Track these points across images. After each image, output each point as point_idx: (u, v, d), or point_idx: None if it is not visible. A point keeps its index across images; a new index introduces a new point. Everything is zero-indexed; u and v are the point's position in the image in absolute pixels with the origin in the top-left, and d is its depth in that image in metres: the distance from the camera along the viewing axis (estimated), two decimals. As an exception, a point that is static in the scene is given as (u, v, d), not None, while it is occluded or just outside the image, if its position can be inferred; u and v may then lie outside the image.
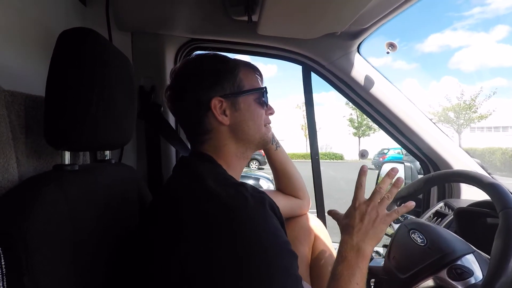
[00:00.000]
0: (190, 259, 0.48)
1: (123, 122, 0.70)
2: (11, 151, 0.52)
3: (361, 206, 0.64)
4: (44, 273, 0.41)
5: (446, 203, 1.05)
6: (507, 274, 0.51)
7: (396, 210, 0.65)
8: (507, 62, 48.55)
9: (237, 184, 0.56)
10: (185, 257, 0.48)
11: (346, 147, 26.89)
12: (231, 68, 0.67)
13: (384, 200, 0.65)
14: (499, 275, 0.52)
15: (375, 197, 0.65)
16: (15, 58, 0.67)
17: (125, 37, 1.10)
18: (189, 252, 0.48)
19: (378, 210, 0.63)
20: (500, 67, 48.73)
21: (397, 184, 0.66)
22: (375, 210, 0.63)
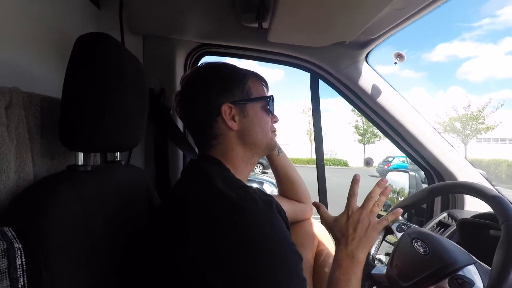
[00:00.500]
0: (200, 259, 0.49)
1: (135, 124, 0.72)
2: (27, 151, 0.54)
3: (354, 215, 0.67)
4: (59, 271, 0.43)
5: (449, 213, 1.05)
6: (507, 285, 0.52)
7: (385, 217, 0.68)
8: (515, 74, 48.12)
9: (246, 187, 0.58)
10: (196, 257, 0.50)
11: (351, 154, 26.77)
12: (241, 77, 0.70)
13: (375, 208, 0.67)
14: (499, 285, 0.52)
15: (368, 205, 0.68)
16: (32, 61, 0.69)
17: (137, 40, 1.13)
18: (200, 252, 0.50)
19: (370, 218, 0.66)
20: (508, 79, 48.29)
21: (385, 192, 0.69)
22: (367, 218, 0.66)
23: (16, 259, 0.38)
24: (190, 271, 0.50)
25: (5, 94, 0.49)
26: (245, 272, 0.48)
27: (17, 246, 0.38)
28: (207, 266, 0.49)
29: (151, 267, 0.58)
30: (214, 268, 0.49)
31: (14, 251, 0.38)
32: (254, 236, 0.50)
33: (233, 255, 0.49)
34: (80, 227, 0.50)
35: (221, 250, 0.49)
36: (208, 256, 0.50)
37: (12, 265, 0.37)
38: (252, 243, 0.49)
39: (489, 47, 53.76)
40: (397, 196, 1.58)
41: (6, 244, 0.38)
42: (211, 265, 0.49)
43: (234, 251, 0.49)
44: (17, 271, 0.38)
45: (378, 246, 0.89)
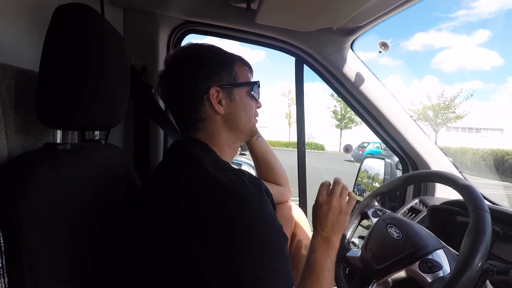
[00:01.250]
0: (192, 242, 0.50)
1: (116, 102, 0.70)
2: (1, 127, 0.51)
3: (324, 204, 0.72)
4: (38, 252, 0.41)
5: (421, 200, 1.12)
6: (472, 269, 0.57)
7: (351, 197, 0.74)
8: (484, 65, 50.35)
9: (235, 169, 0.59)
10: (187, 240, 0.50)
11: (328, 138, 27.37)
12: (228, 61, 0.69)
13: (343, 192, 0.73)
14: (465, 270, 0.57)
15: (336, 191, 0.72)
16: (5, 30, 0.64)
17: (118, 13, 1.07)
18: (192, 234, 0.50)
19: (340, 203, 0.71)
20: (478, 71, 50.49)
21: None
22: (338, 204, 0.71)
23: (-5, 241, 0.36)
24: (180, 254, 0.50)
25: (-25, 64, 0.45)
26: (234, 253, 0.50)
27: (-5, 228, 0.37)
28: (198, 248, 0.50)
29: (131, 247, 0.58)
30: (205, 250, 0.50)
31: (-7, 233, 0.36)
32: (244, 218, 0.51)
33: (223, 236, 0.50)
34: (59, 207, 0.48)
35: (211, 232, 0.50)
36: (199, 238, 0.50)
37: (-9, 247, 0.36)
38: (242, 225, 0.51)
39: (463, 38, 55.61)
40: (371, 181, 1.64)
41: (-16, 226, 0.36)
42: (202, 247, 0.50)
43: (224, 232, 0.50)
44: (-4, 253, 0.36)
45: (353, 230, 0.93)
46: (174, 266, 0.51)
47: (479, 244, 0.58)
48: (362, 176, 1.68)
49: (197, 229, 0.51)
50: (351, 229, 0.92)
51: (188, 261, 0.50)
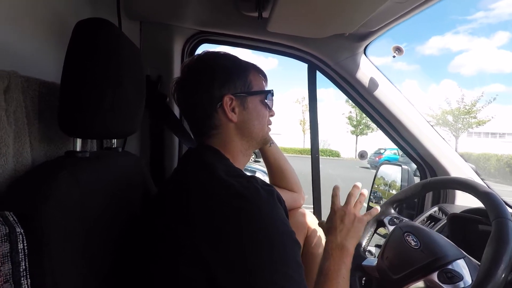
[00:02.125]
0: (204, 248, 0.50)
1: (133, 111, 0.72)
2: (25, 136, 0.53)
3: (339, 210, 0.75)
4: (58, 256, 0.43)
5: (440, 207, 1.08)
6: (495, 280, 0.54)
7: (369, 212, 0.78)
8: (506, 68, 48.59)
9: (247, 176, 0.59)
10: (200, 247, 0.51)
11: (343, 145, 27.00)
12: (243, 69, 0.71)
13: (357, 204, 0.76)
14: (488, 281, 0.54)
15: (350, 201, 0.76)
16: (30, 45, 0.67)
17: (134, 25, 1.11)
18: (204, 240, 0.51)
19: (355, 212, 0.74)
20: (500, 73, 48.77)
21: (362, 193, 0.79)
22: (352, 212, 0.74)
23: (18, 243, 0.38)
24: (192, 259, 0.51)
25: (3, 77, 0.48)
26: (245, 258, 0.50)
27: (18, 231, 0.38)
28: (210, 253, 0.50)
29: (145, 252, 0.59)
30: (216, 255, 0.50)
31: (16, 236, 0.38)
32: (256, 224, 0.51)
33: (235, 242, 0.50)
34: (78, 213, 0.50)
35: (223, 237, 0.51)
36: (211, 243, 0.50)
37: (14, 249, 0.38)
38: (254, 230, 0.51)
39: (482, 40, 54.03)
40: (388, 188, 1.60)
41: (8, 229, 0.38)
42: (213, 252, 0.50)
43: (236, 238, 0.50)
44: (19, 255, 0.38)
45: (369, 239, 0.91)
46: (186, 270, 0.51)
47: (502, 254, 0.56)
48: (378, 183, 1.65)
49: (208, 234, 0.51)
50: (367, 237, 0.90)
51: (200, 266, 0.50)
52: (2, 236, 0.37)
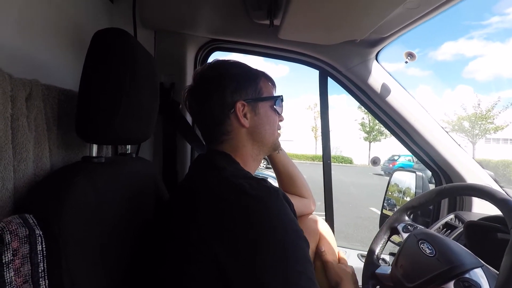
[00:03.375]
0: (215, 246, 0.51)
1: (147, 118, 0.74)
2: (45, 142, 0.55)
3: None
4: (75, 258, 0.44)
5: (456, 215, 1.05)
6: (515, 290, 0.52)
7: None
8: (523, 73, 47.19)
9: (258, 178, 0.60)
10: (211, 249, 0.51)
11: (356, 151, 26.65)
12: (254, 76, 0.73)
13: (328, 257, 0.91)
14: (507, 291, 0.52)
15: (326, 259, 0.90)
16: (50, 54, 0.70)
17: (149, 34, 1.14)
18: (212, 238, 0.51)
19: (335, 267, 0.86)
20: (516, 78, 47.37)
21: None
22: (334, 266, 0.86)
23: (37, 245, 0.39)
24: (204, 260, 0.51)
25: (25, 85, 0.50)
26: (255, 256, 0.50)
27: (38, 233, 0.40)
28: (222, 253, 0.50)
29: (157, 255, 0.60)
30: (227, 255, 0.50)
31: (36, 237, 0.39)
32: (266, 223, 0.52)
33: (245, 240, 0.50)
34: (94, 216, 0.52)
35: (234, 237, 0.51)
36: (221, 243, 0.51)
37: (34, 251, 0.39)
38: (264, 229, 0.51)
39: (497, 45, 52.75)
40: (402, 195, 1.57)
41: (28, 230, 0.39)
42: (224, 252, 0.50)
43: (246, 236, 0.51)
44: (38, 256, 0.39)
45: (383, 246, 0.90)
46: (196, 269, 0.51)
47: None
48: (392, 190, 1.62)
49: (218, 233, 0.51)
50: (380, 244, 0.88)
51: (211, 266, 0.50)
52: (22, 237, 0.38)
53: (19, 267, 0.37)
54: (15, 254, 0.37)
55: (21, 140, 0.49)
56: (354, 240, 4.64)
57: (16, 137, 0.48)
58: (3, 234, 0.37)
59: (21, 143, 0.49)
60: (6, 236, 0.37)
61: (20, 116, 0.49)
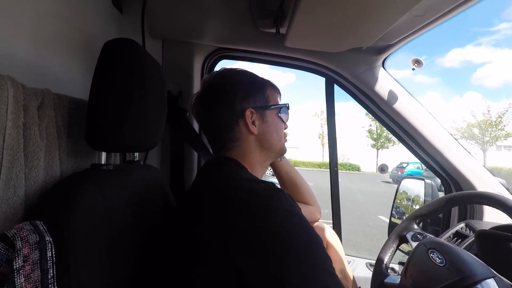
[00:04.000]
0: (233, 250, 0.50)
1: (154, 126, 0.74)
2: (55, 150, 0.57)
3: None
4: (84, 264, 0.45)
5: (467, 224, 1.03)
6: (529, 301, 0.51)
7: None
8: (533, 79, 46.46)
9: (266, 181, 0.60)
10: (228, 250, 0.50)
11: (364, 159, 26.42)
12: (261, 84, 0.75)
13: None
14: (521, 302, 0.51)
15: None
16: (61, 64, 0.72)
17: (157, 44, 1.16)
18: (230, 241, 0.50)
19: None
20: (527, 84, 46.62)
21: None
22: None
23: (47, 251, 0.40)
24: (218, 265, 0.50)
25: (37, 95, 0.52)
26: (272, 254, 0.48)
27: (48, 239, 0.41)
28: (238, 254, 0.49)
29: (165, 259, 0.60)
30: (243, 253, 0.49)
31: (46, 244, 0.40)
32: (279, 219, 0.51)
33: (261, 239, 0.49)
34: (102, 223, 0.52)
35: (249, 236, 0.50)
36: (236, 244, 0.50)
37: (44, 257, 0.39)
38: (278, 226, 0.50)
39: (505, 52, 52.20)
40: (411, 203, 1.55)
41: (39, 237, 0.40)
42: (239, 252, 0.49)
43: (262, 235, 0.49)
44: (48, 262, 0.40)
45: (391, 255, 0.88)
46: (211, 272, 0.51)
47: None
48: (400, 198, 1.60)
49: (230, 234, 0.51)
50: (389, 253, 0.87)
51: (226, 268, 0.49)
52: (33, 244, 0.39)
53: (29, 273, 0.38)
54: (26, 260, 0.38)
55: (33, 148, 0.50)
56: (363, 249, 4.57)
57: (28, 145, 0.49)
58: (14, 240, 0.38)
59: (32, 151, 0.50)
60: (18, 243, 0.38)
61: (32, 124, 0.50)
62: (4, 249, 0.37)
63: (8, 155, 0.45)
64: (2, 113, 0.43)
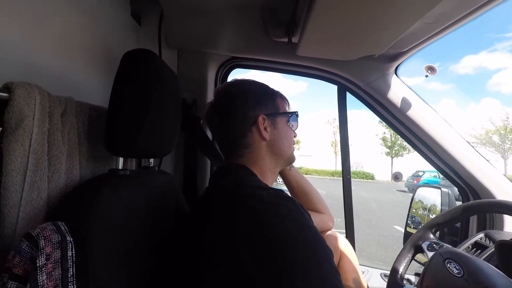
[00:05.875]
0: (242, 256, 0.50)
1: (170, 133, 0.77)
2: (76, 155, 0.59)
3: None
4: (101, 265, 0.46)
5: (487, 234, 1.00)
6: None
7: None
8: (551, 84, 44.76)
9: (275, 188, 0.61)
10: (235, 252, 0.50)
11: (378, 167, 25.95)
12: (272, 93, 0.78)
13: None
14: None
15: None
16: (83, 73, 0.76)
17: (172, 53, 1.20)
18: (240, 247, 0.51)
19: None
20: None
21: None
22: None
23: (68, 251, 0.42)
24: (227, 270, 0.51)
25: (61, 102, 0.55)
26: (278, 263, 0.48)
27: (69, 239, 0.42)
28: (245, 261, 0.49)
29: (177, 267, 0.61)
30: (250, 260, 0.49)
31: (67, 244, 0.42)
32: (286, 228, 0.51)
33: (268, 247, 0.49)
34: (119, 225, 0.54)
35: (256, 243, 0.50)
36: (242, 251, 0.50)
37: (64, 256, 0.41)
38: (284, 235, 0.50)
39: (520, 57, 50.71)
40: (428, 213, 1.51)
41: (60, 237, 0.42)
42: (246, 258, 0.49)
43: (268, 243, 0.49)
44: (68, 262, 0.42)
45: (407, 265, 0.86)
46: (220, 276, 0.51)
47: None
48: (416, 207, 1.56)
49: (237, 240, 0.51)
50: (404, 263, 0.85)
51: (235, 274, 0.50)
52: (55, 243, 0.41)
53: (51, 271, 0.40)
54: (48, 259, 0.40)
55: (56, 152, 0.52)
56: (377, 259, 4.46)
57: (51, 150, 0.52)
58: (38, 239, 0.40)
59: (55, 156, 0.52)
60: (41, 242, 0.40)
61: (56, 130, 0.53)
62: (28, 247, 0.39)
63: (33, 159, 0.47)
64: (29, 120, 0.46)
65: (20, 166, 0.46)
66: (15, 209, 0.45)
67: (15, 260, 0.39)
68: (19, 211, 0.45)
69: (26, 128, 0.46)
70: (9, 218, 0.44)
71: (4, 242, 0.44)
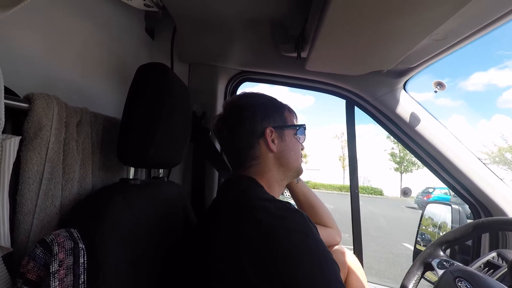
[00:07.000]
0: (247, 268, 0.50)
1: (180, 144, 0.78)
2: (89, 164, 0.61)
3: None
4: (111, 270, 0.47)
5: (499, 253, 0.97)
6: None
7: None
8: None
9: (281, 200, 0.61)
10: (241, 264, 0.50)
11: (386, 182, 25.55)
12: (280, 106, 0.79)
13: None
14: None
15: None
16: (98, 85, 0.79)
17: (184, 67, 1.23)
18: (246, 258, 0.50)
19: None
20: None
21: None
22: None
23: (80, 258, 0.43)
24: (233, 281, 0.50)
25: (77, 113, 0.57)
26: (283, 275, 0.48)
27: (81, 246, 0.43)
28: (251, 273, 0.49)
29: (184, 276, 0.61)
30: (256, 273, 0.49)
31: (79, 250, 0.43)
32: (292, 241, 0.51)
33: (273, 260, 0.49)
34: (129, 234, 0.55)
35: (262, 256, 0.50)
36: (249, 263, 0.50)
37: (77, 263, 0.42)
38: (290, 248, 0.50)
39: (530, 74, 50.17)
40: (438, 230, 1.48)
41: (73, 244, 0.43)
42: (252, 271, 0.49)
43: (274, 256, 0.49)
44: (80, 268, 0.42)
45: (416, 283, 0.84)
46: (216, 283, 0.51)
47: None
48: (426, 224, 1.53)
49: (242, 252, 0.51)
50: (413, 280, 0.83)
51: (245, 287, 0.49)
52: (68, 250, 0.42)
53: (63, 277, 0.40)
54: (61, 265, 0.41)
55: (70, 161, 0.54)
56: (386, 277, 4.34)
57: (66, 159, 0.54)
58: (52, 245, 0.41)
59: (69, 164, 0.54)
60: (55, 248, 0.41)
61: (71, 140, 0.55)
62: (42, 253, 0.40)
63: (49, 167, 0.49)
64: (47, 129, 0.48)
65: (36, 174, 0.47)
66: (29, 216, 0.46)
67: (29, 266, 0.40)
68: (33, 218, 0.47)
69: (44, 137, 0.48)
70: (24, 225, 0.46)
71: (18, 248, 0.45)
